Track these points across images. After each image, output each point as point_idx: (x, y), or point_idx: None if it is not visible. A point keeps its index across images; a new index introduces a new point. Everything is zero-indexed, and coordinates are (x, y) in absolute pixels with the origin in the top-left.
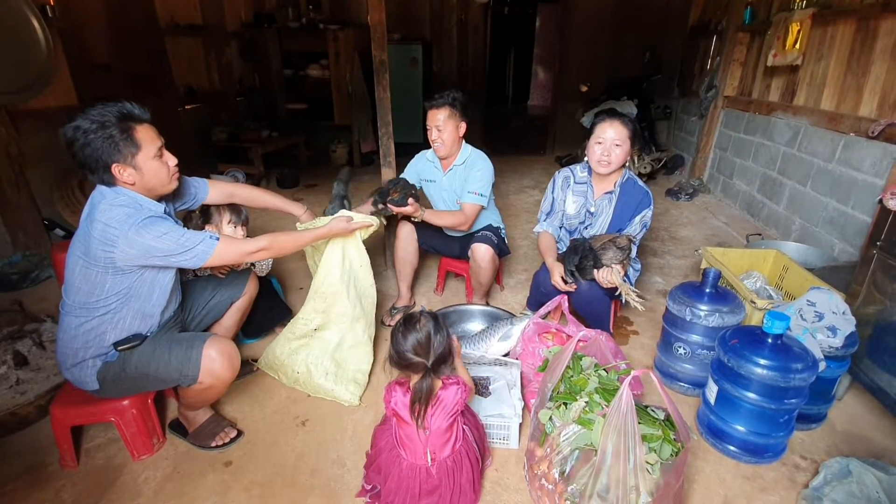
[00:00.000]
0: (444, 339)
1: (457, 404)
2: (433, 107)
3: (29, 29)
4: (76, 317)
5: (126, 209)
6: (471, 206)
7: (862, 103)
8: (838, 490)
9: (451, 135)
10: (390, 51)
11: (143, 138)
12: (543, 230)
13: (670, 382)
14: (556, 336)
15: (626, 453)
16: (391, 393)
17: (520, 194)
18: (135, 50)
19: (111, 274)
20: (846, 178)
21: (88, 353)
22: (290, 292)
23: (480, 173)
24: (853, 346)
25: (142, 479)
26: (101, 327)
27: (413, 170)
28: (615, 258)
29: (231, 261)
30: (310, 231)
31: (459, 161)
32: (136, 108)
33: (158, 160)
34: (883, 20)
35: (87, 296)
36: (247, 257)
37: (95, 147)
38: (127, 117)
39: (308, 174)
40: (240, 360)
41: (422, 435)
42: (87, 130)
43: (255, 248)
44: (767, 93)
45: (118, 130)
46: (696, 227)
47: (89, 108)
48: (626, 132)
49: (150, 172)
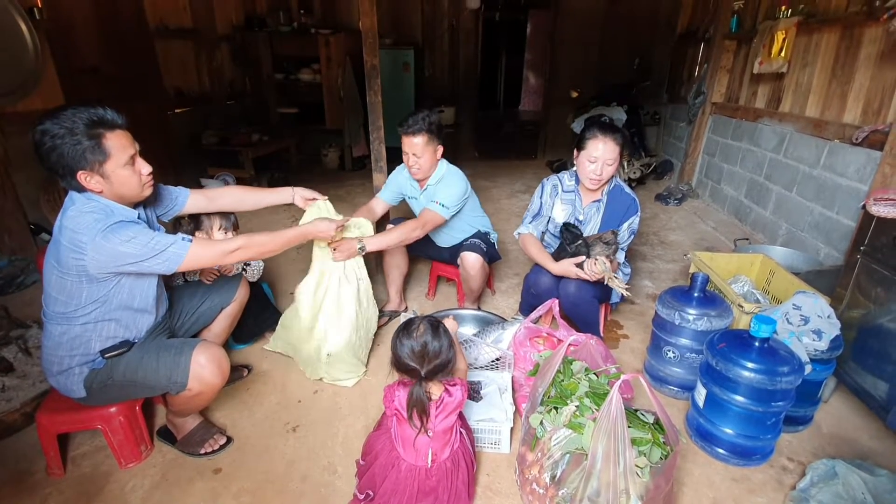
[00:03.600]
0: (444, 348)
1: (458, 405)
2: (409, 133)
3: (16, 31)
4: (58, 324)
5: (94, 215)
6: (430, 213)
7: (846, 110)
8: (825, 491)
9: (428, 160)
10: (382, 55)
11: (113, 146)
12: (528, 232)
13: (660, 386)
14: (548, 340)
15: (616, 457)
16: (393, 393)
17: (511, 199)
18: (123, 53)
19: (86, 283)
20: (831, 184)
21: (74, 360)
22: (281, 297)
23: (450, 189)
24: (838, 350)
25: (129, 487)
26: (85, 335)
27: (394, 182)
28: (602, 252)
29: (208, 263)
30: (289, 231)
31: (434, 181)
32: (109, 112)
33: (129, 168)
34: (866, 28)
35: (65, 305)
36: (224, 258)
37: (62, 153)
38: (97, 124)
39: (299, 178)
40: (229, 366)
41: (424, 437)
42: (54, 135)
43: (232, 247)
44: (754, 99)
45: (86, 138)
46: (685, 232)
47: (61, 110)
48: (619, 149)
49: (119, 181)
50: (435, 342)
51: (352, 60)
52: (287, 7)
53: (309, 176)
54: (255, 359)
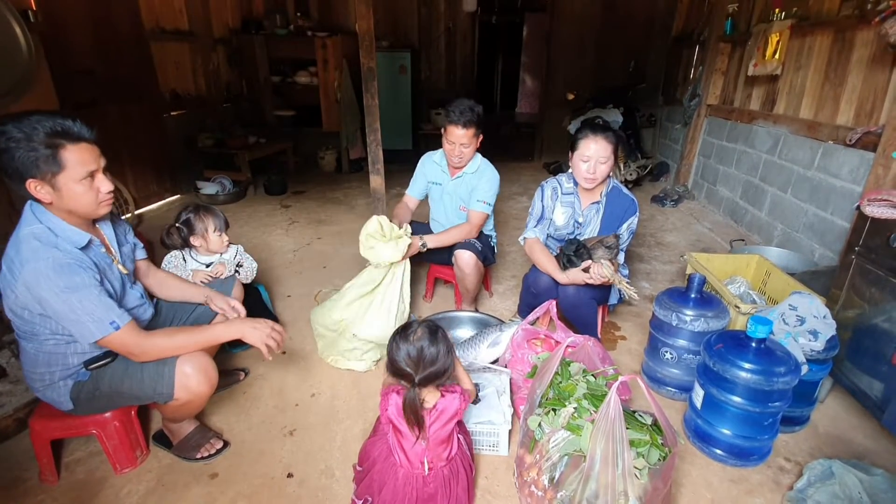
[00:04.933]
0: (441, 353)
1: (456, 413)
2: (460, 125)
3: (10, 33)
4: (28, 342)
5: (36, 244)
6: (478, 214)
7: (840, 112)
8: (822, 491)
9: (471, 151)
10: (379, 58)
11: (71, 159)
12: (534, 237)
13: (657, 387)
14: (545, 342)
15: (614, 459)
16: (387, 400)
17: (508, 201)
18: (119, 55)
19: (28, 311)
20: (825, 185)
21: (56, 375)
22: (277, 300)
23: (489, 184)
24: (834, 350)
25: (124, 492)
26: (58, 350)
27: (421, 173)
28: (604, 255)
29: (120, 353)
30: (210, 330)
31: (470, 169)
32: (77, 125)
33: (86, 184)
34: (858, 31)
35: (23, 325)
36: (138, 357)
37: (14, 156)
38: (59, 134)
39: (296, 181)
40: (217, 373)
41: (419, 444)
42: (10, 137)
43: (154, 349)
44: (749, 101)
45: (43, 146)
46: (682, 233)
47: (27, 115)
48: (611, 147)
49: (71, 195)
50: (432, 348)
51: (349, 63)
52: (283, 10)
53: (305, 178)
54: (251, 362)
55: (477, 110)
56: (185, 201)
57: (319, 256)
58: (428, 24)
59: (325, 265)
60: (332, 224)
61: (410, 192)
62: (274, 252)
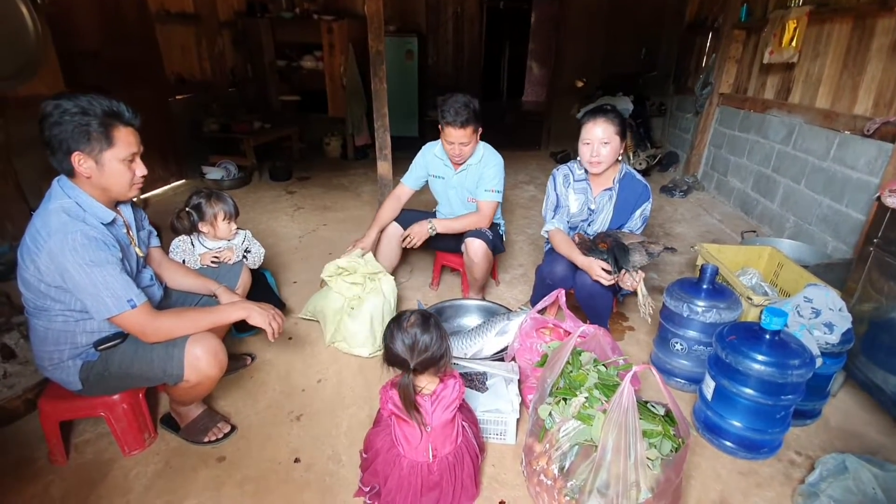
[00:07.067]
0: (435, 340)
1: (456, 398)
2: (457, 125)
3: (17, 15)
4: (38, 319)
5: (65, 217)
6: (488, 203)
7: (857, 101)
8: (835, 486)
9: (472, 147)
10: (386, 43)
11: (120, 139)
12: (556, 227)
13: (667, 378)
14: (554, 331)
15: (626, 449)
16: (387, 393)
17: (514, 189)
18: (124, 37)
19: (44, 284)
20: (840, 177)
21: (64, 354)
22: (284, 286)
23: (495, 170)
24: (849, 343)
25: (132, 474)
26: (68, 329)
27: (420, 165)
28: (640, 262)
29: (132, 332)
30: (216, 312)
31: (475, 160)
32: (128, 111)
33: (126, 164)
34: (880, 18)
35: (35, 299)
36: (150, 336)
37: (65, 128)
38: (114, 115)
39: (301, 167)
40: (226, 356)
41: (423, 432)
42: (66, 111)
43: (157, 327)
44: (763, 90)
45: (98, 122)
46: (691, 224)
47: (82, 94)
48: (613, 128)
49: (111, 172)
50: (426, 335)
51: (355, 48)
52: None
53: (310, 164)
54: (258, 347)
55: (472, 106)
56: (190, 186)
57: (325, 243)
58: (435, 9)
59: (330, 252)
60: (338, 210)
61: (406, 181)
62: (280, 238)
